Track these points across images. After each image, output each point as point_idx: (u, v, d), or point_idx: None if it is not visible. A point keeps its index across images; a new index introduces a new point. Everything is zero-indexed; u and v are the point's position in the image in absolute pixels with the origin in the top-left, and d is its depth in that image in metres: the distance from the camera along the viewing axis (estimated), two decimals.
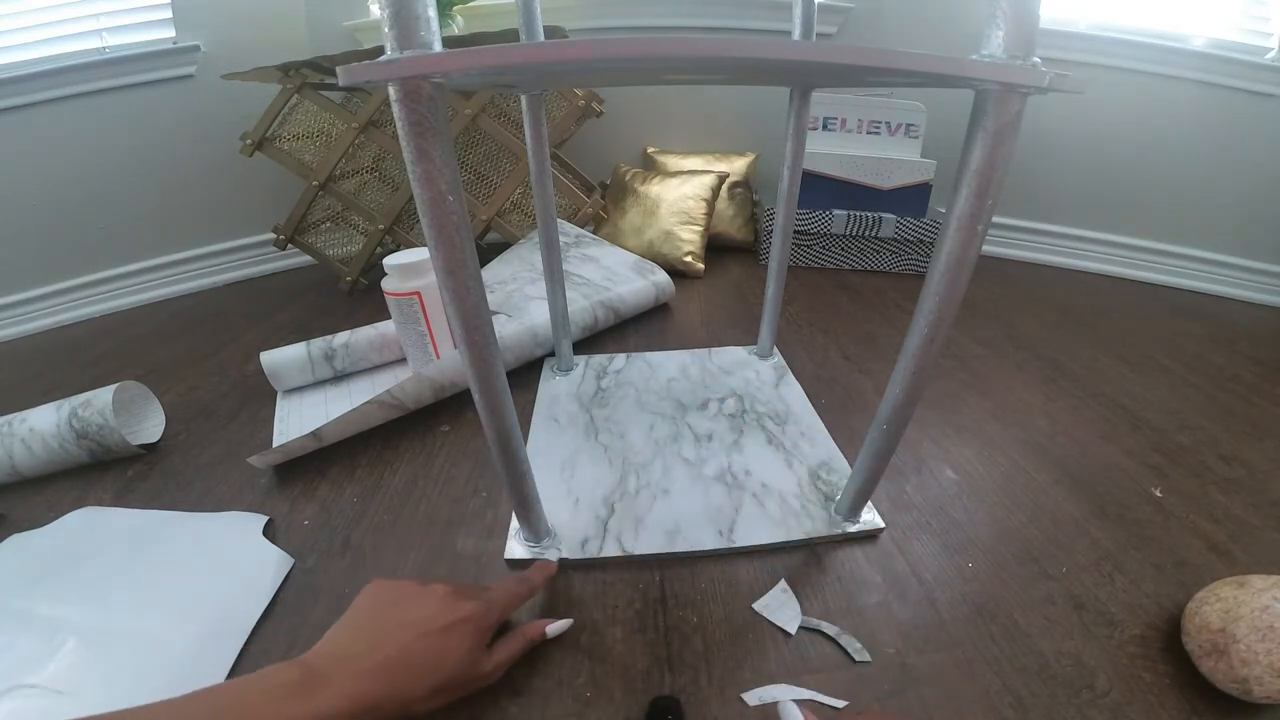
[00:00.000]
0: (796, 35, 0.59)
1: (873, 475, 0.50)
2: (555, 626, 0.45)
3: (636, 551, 0.52)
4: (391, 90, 0.28)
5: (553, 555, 0.52)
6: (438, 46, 0.27)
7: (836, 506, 0.56)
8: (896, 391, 0.43)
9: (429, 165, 0.30)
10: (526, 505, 0.50)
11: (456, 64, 0.27)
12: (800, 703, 0.39)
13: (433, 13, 0.27)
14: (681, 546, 0.52)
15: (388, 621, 0.38)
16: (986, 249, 1.46)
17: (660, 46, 0.26)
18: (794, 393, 0.76)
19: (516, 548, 0.53)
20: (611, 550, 0.52)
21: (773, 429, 0.69)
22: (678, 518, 0.56)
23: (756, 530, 0.54)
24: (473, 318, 0.36)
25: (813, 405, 0.73)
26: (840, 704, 0.40)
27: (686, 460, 0.64)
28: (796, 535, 0.53)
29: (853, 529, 0.54)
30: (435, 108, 0.29)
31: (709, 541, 0.53)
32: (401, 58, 0.27)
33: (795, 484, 0.60)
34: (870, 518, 0.55)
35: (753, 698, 0.41)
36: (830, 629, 0.46)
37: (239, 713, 0.30)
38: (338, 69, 0.28)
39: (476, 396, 0.41)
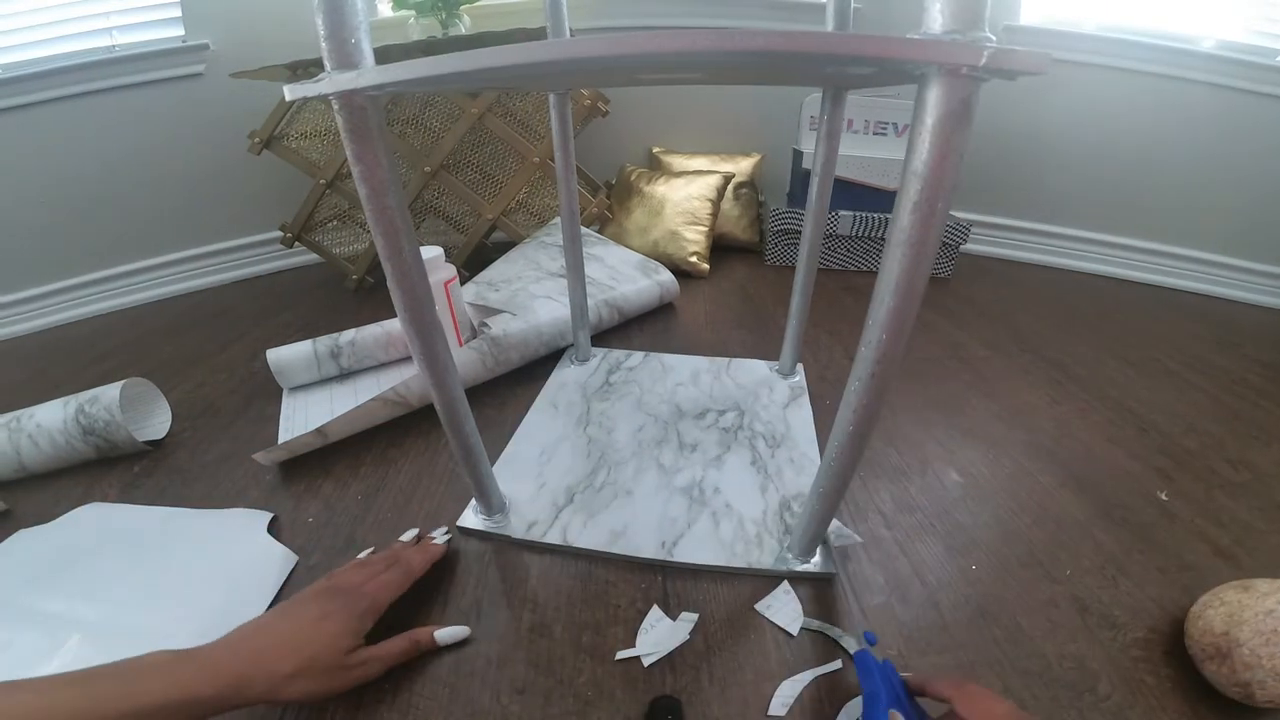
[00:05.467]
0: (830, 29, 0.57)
1: (823, 517, 0.46)
2: (446, 633, 0.45)
3: (576, 544, 0.53)
4: (334, 102, 0.32)
5: (509, 531, 0.54)
6: (367, 63, 0.31)
7: (791, 543, 0.52)
8: (846, 429, 0.38)
9: (363, 166, 0.34)
10: (477, 478, 0.52)
11: (378, 79, 0.30)
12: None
13: (363, 35, 0.31)
14: (619, 549, 0.52)
15: (270, 611, 0.42)
16: (993, 250, 1.46)
17: (582, 47, 0.26)
18: (801, 417, 0.72)
19: (470, 517, 0.56)
20: (554, 538, 0.53)
21: (762, 450, 0.66)
22: (629, 520, 0.56)
23: (699, 549, 0.52)
24: (413, 295, 0.39)
25: (819, 406, 0.74)
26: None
27: (662, 466, 0.63)
28: (737, 563, 0.51)
29: (799, 568, 0.51)
30: (367, 116, 0.33)
31: (648, 550, 0.52)
32: (329, 77, 0.31)
33: (761, 511, 0.57)
34: (821, 560, 0.51)
35: (778, 706, 0.40)
36: (832, 631, 0.46)
37: (111, 683, 0.32)
38: (284, 86, 0.32)
39: (421, 367, 0.43)
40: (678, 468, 0.63)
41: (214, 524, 0.57)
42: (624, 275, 0.99)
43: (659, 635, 0.45)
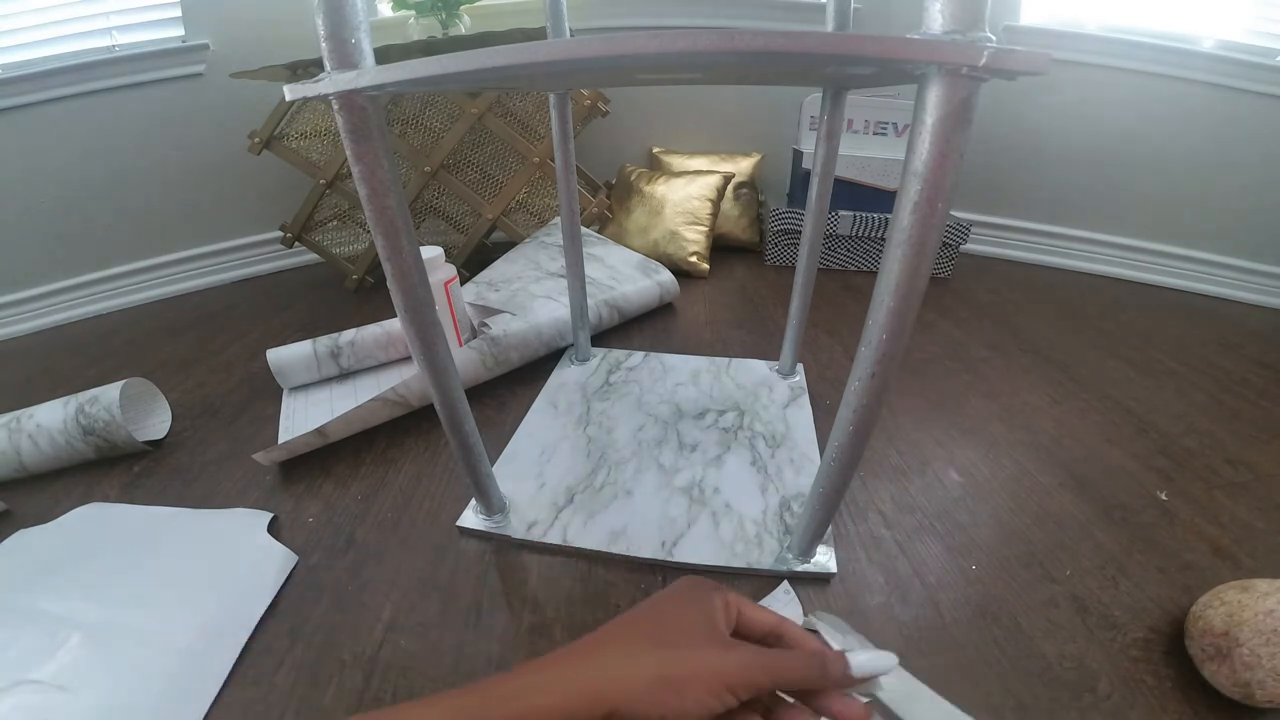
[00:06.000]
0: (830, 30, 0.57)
1: (823, 517, 0.46)
2: (867, 661, 0.28)
3: (576, 544, 0.53)
4: (334, 102, 0.32)
5: (509, 531, 0.54)
6: (367, 63, 0.31)
7: (791, 543, 0.52)
8: (846, 430, 0.39)
9: (363, 166, 0.34)
10: (477, 478, 0.52)
11: (378, 79, 0.30)
12: None
13: (363, 35, 0.31)
14: (620, 549, 0.52)
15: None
16: (993, 250, 1.46)
17: (582, 48, 0.27)
18: (801, 417, 0.72)
19: (470, 517, 0.56)
20: (555, 538, 0.53)
21: (762, 450, 0.66)
22: (629, 520, 0.56)
23: (700, 549, 0.52)
24: (413, 295, 0.39)
25: (819, 406, 0.73)
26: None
27: (662, 466, 0.63)
28: (738, 563, 0.51)
29: (799, 568, 0.51)
30: (367, 116, 0.33)
31: (648, 550, 0.52)
32: (329, 77, 0.31)
33: (760, 511, 0.57)
34: (823, 560, 0.51)
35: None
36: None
37: None
38: (284, 86, 0.32)
39: (421, 367, 0.43)
40: (678, 468, 0.63)
41: (214, 524, 0.57)
42: (624, 275, 0.99)
43: None
